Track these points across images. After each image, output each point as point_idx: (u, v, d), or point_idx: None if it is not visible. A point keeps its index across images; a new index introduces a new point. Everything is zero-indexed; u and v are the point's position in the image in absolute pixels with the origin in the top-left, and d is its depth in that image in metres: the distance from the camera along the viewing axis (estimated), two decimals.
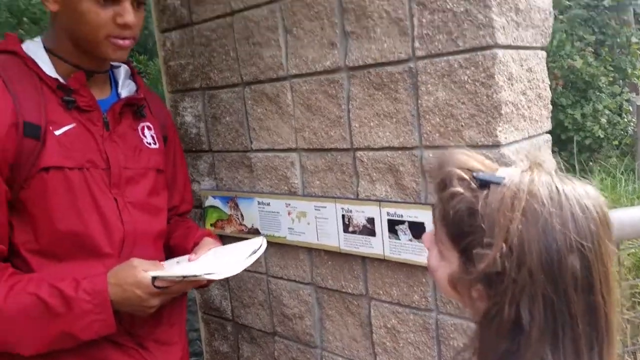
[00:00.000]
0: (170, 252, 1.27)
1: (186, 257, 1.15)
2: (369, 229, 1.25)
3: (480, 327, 0.59)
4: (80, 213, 0.99)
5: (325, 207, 1.34)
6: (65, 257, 0.99)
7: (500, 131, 1.01)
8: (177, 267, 1.10)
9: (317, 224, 1.37)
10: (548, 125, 1.17)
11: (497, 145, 1.01)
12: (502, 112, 1.00)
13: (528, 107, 1.08)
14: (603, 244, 0.54)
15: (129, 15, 0.97)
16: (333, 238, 1.34)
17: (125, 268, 0.97)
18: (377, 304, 1.30)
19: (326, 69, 1.24)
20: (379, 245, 1.24)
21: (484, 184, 0.57)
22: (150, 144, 1.15)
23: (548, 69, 1.17)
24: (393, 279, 1.25)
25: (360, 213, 1.26)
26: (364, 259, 1.30)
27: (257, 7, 1.34)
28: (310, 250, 1.42)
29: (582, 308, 0.53)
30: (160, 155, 1.19)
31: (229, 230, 1.60)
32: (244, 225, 1.56)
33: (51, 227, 0.97)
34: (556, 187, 0.55)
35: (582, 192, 0.56)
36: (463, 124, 1.04)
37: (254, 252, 1.09)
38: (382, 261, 1.25)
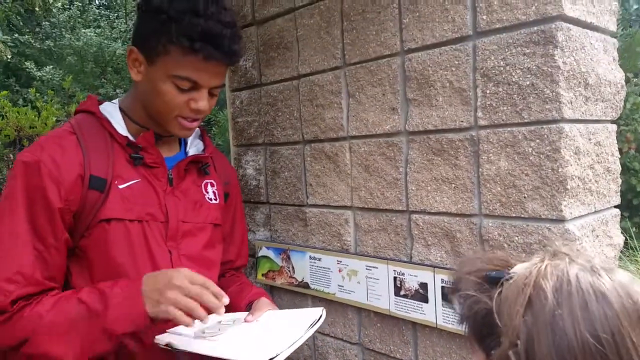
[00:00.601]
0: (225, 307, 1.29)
1: (242, 315, 1.14)
2: (421, 295, 1.22)
3: None
4: (136, 263, 1.03)
5: (377, 267, 1.33)
6: None
7: (565, 205, 0.98)
8: (220, 340, 1.05)
9: (368, 283, 1.36)
10: (617, 199, 1.12)
11: (561, 220, 0.98)
12: (568, 186, 0.98)
13: (596, 181, 1.05)
14: (627, 335, 0.49)
15: (203, 102, 1.03)
16: (383, 300, 1.32)
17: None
18: None
19: (386, 132, 1.27)
20: (432, 312, 1.20)
21: (495, 282, 0.57)
22: (211, 199, 1.20)
23: (620, 132, 1.14)
24: (445, 348, 1.20)
25: (413, 277, 1.24)
26: (414, 324, 1.27)
27: (323, 72, 1.41)
28: (359, 309, 1.40)
29: None
30: (220, 210, 1.23)
31: (279, 281, 1.61)
32: (294, 278, 1.56)
33: (108, 274, 1.01)
34: (568, 276, 0.52)
35: (605, 280, 0.52)
36: (526, 195, 1.02)
37: (313, 324, 1.04)
38: (434, 329, 1.21)
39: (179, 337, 1.03)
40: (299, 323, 1.05)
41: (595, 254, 1.04)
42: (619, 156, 1.14)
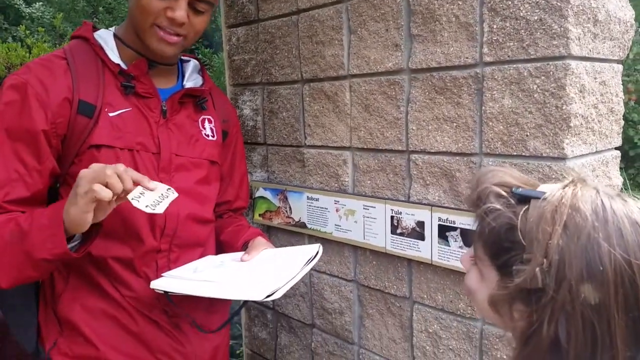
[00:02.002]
0: (221, 247, 1.30)
1: (238, 255, 1.15)
2: (418, 233, 1.25)
3: (520, 347, 0.58)
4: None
5: (374, 207, 1.35)
6: (110, 233, 1.02)
7: (567, 144, 0.99)
8: (215, 277, 1.03)
9: (365, 223, 1.38)
10: (618, 140, 1.13)
11: (562, 157, 0.99)
12: (571, 124, 0.98)
13: (598, 121, 1.05)
14: None
15: (180, 12, 0.98)
16: (380, 238, 1.34)
17: None
18: (420, 308, 1.29)
19: (388, 70, 1.24)
20: (427, 249, 1.23)
21: (523, 200, 0.56)
22: (208, 135, 1.19)
23: (621, 83, 1.13)
24: (439, 284, 1.24)
25: (411, 216, 1.26)
26: (410, 261, 1.30)
27: (324, 6, 1.36)
28: (355, 248, 1.43)
29: (624, 328, 0.51)
30: (217, 148, 1.21)
31: (276, 221, 1.63)
32: (292, 218, 1.58)
33: None
34: (602, 202, 0.53)
35: (634, 208, 0.54)
36: (528, 133, 1.02)
37: (310, 260, 1.05)
38: (429, 266, 1.24)
39: (174, 281, 1.03)
40: (296, 260, 1.06)
41: None
42: (623, 97, 1.13)
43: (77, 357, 1.04)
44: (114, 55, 1.05)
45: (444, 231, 1.19)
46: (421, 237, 1.24)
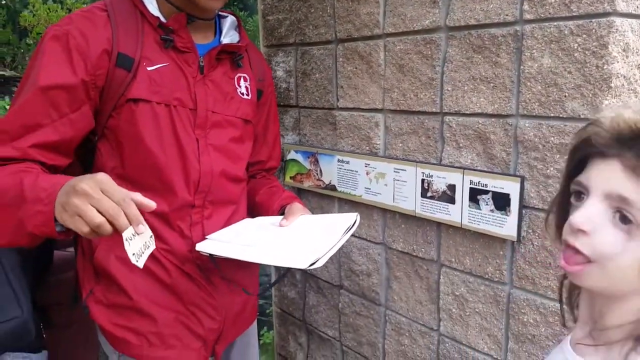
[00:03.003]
0: (255, 208, 1.32)
1: (276, 220, 1.16)
2: (448, 196, 1.24)
3: None
4: (163, 147, 1.04)
5: (405, 170, 1.35)
6: (147, 187, 1.03)
7: (606, 105, 0.96)
8: (258, 242, 1.02)
9: (395, 186, 1.38)
10: None
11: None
12: (612, 84, 0.95)
13: None
14: None
15: None
16: (410, 201, 1.35)
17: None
18: (448, 271, 1.30)
19: (424, 27, 1.22)
20: (458, 213, 1.23)
21: None
22: (243, 94, 1.19)
23: None
24: (468, 248, 1.24)
25: (442, 179, 1.25)
26: (439, 225, 1.30)
27: None
28: (384, 211, 1.44)
29: None
30: (251, 106, 1.22)
31: (307, 184, 1.65)
32: (322, 181, 1.60)
33: (136, 156, 1.03)
34: None
35: None
36: (567, 94, 0.99)
37: (348, 229, 1.04)
38: (459, 229, 1.24)
39: (219, 244, 1.05)
40: (335, 228, 1.06)
41: None
42: None
43: (111, 305, 1.08)
44: (153, 9, 1.05)
45: (475, 194, 1.18)
46: (452, 200, 1.24)
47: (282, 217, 1.17)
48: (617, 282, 0.54)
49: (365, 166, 1.45)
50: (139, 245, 0.80)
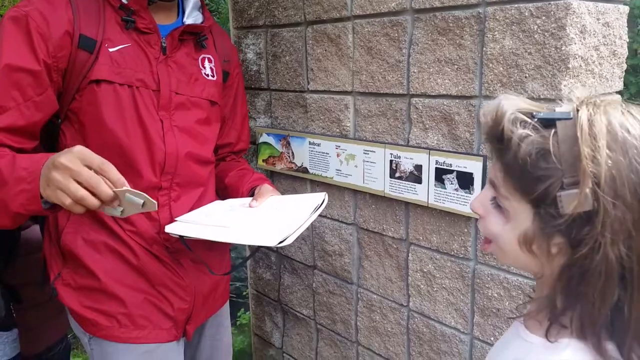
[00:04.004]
0: (225, 190, 1.32)
1: (246, 201, 1.16)
2: (415, 176, 1.27)
3: (567, 284, 0.54)
4: (126, 128, 1.03)
5: (374, 151, 1.37)
6: None
7: (565, 85, 0.99)
8: (231, 223, 1.02)
9: (365, 167, 1.40)
10: (620, 84, 1.12)
11: (560, 99, 0.99)
12: (570, 65, 0.98)
13: (599, 63, 1.05)
14: None
15: None
16: (379, 182, 1.37)
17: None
18: (416, 249, 1.34)
19: (391, 10, 1.23)
20: (424, 192, 1.26)
21: (549, 123, 0.52)
22: (208, 75, 1.18)
23: (638, 32, 1.11)
24: (434, 226, 1.28)
25: (409, 160, 1.28)
26: (407, 204, 1.33)
27: None
28: (355, 192, 1.47)
29: None
30: (217, 88, 1.21)
31: (279, 166, 1.66)
32: (294, 163, 1.61)
33: (99, 137, 1.02)
34: (632, 114, 0.52)
35: None
36: (527, 75, 1.02)
37: (317, 207, 1.05)
38: (426, 208, 1.28)
39: (189, 225, 1.05)
40: (304, 207, 1.08)
41: None
42: (627, 40, 1.12)
43: (80, 288, 1.08)
44: None
45: (440, 174, 1.21)
46: (419, 180, 1.27)
47: (251, 198, 1.18)
48: (511, 258, 0.59)
49: (336, 148, 1.47)
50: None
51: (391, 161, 1.32)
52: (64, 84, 1.01)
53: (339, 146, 1.46)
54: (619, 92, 1.15)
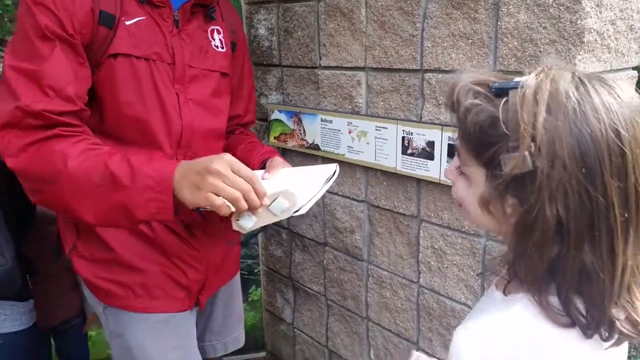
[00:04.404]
0: None
1: (258, 173, 1.17)
2: (427, 152, 1.27)
3: (516, 240, 0.58)
4: (144, 101, 1.04)
5: (386, 128, 1.37)
6: (127, 141, 1.04)
7: (579, 60, 0.98)
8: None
9: (377, 144, 1.40)
10: (636, 60, 1.10)
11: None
12: (585, 39, 0.96)
13: (615, 38, 1.03)
14: (638, 128, 0.52)
15: None
16: (391, 159, 1.38)
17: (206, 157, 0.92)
18: (427, 226, 1.35)
19: None
20: (436, 169, 1.26)
21: (502, 92, 0.55)
22: (217, 47, 1.19)
23: None
24: (446, 203, 1.28)
25: (421, 136, 1.28)
26: (419, 181, 1.34)
27: None
28: (367, 169, 1.47)
29: (617, 195, 0.52)
30: (227, 59, 1.22)
31: (290, 144, 1.67)
32: (305, 140, 1.62)
33: (116, 110, 1.03)
34: (580, 79, 0.54)
35: (614, 84, 0.54)
36: (542, 49, 1.01)
37: (329, 178, 1.07)
38: (437, 185, 1.28)
39: None
40: (316, 178, 1.09)
41: None
42: None
43: (95, 260, 1.10)
44: None
45: (453, 150, 1.21)
46: (431, 156, 1.27)
47: (263, 170, 1.19)
48: (476, 219, 0.65)
49: (348, 125, 1.47)
50: (250, 221, 0.90)
51: (403, 137, 1.32)
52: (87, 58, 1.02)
53: (351, 123, 1.46)
54: (636, 68, 1.14)
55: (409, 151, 1.32)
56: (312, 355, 1.88)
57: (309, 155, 1.64)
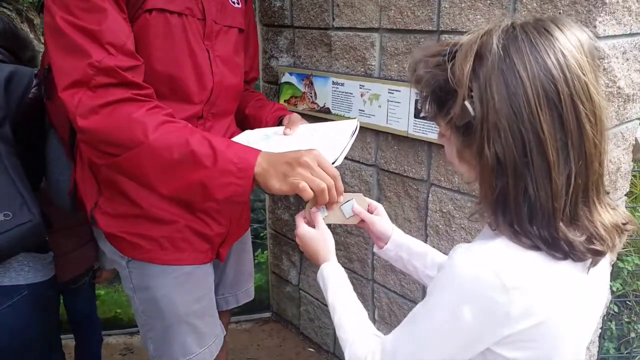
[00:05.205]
0: (245, 120, 1.34)
1: (279, 130, 1.18)
2: None
3: (479, 182, 0.64)
4: (177, 58, 1.04)
5: (399, 91, 1.36)
6: (159, 97, 1.03)
7: (600, 22, 0.97)
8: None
9: (389, 107, 1.40)
10: None
11: (594, 37, 0.97)
12: (606, 1, 0.95)
13: (637, 0, 1.02)
14: (580, 74, 0.55)
15: None
16: (402, 122, 1.38)
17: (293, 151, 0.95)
18: (437, 190, 1.36)
19: None
20: None
21: (451, 56, 0.60)
22: (234, 2, 1.18)
23: None
24: None
25: None
26: (430, 145, 1.34)
27: None
28: (377, 133, 1.48)
29: (549, 123, 0.55)
30: (242, 15, 1.21)
31: (301, 107, 1.67)
32: (316, 104, 1.61)
33: (150, 66, 1.02)
34: (513, 27, 0.57)
35: (553, 26, 0.56)
36: (562, 10, 1.00)
37: (353, 133, 1.08)
38: None
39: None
40: (342, 131, 1.10)
41: (621, 77, 1.05)
42: None
43: (119, 216, 1.10)
44: None
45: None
46: None
47: (281, 127, 1.20)
48: (461, 171, 0.69)
49: (360, 88, 1.47)
50: (323, 214, 0.98)
51: (416, 101, 1.32)
52: None
53: (363, 85, 1.46)
54: None
55: (422, 114, 1.32)
56: (317, 315, 1.93)
57: (319, 118, 1.63)
